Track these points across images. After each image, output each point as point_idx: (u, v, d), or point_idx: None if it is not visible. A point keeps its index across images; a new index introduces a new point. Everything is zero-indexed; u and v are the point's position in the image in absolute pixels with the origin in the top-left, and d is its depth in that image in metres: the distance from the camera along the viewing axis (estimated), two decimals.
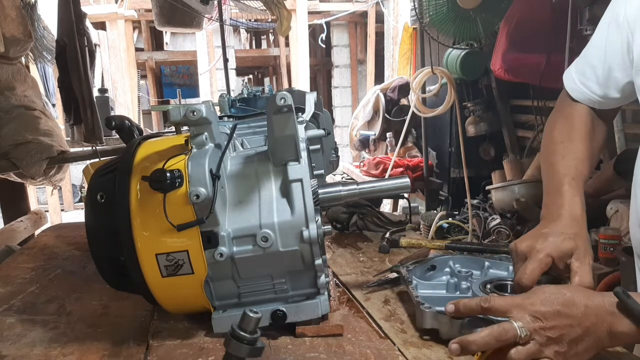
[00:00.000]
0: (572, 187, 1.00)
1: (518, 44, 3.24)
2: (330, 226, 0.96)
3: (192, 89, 9.33)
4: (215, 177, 0.84)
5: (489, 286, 0.98)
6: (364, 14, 8.27)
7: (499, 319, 0.80)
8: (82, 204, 7.18)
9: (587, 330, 0.76)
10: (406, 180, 1.03)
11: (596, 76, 1.06)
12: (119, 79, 6.99)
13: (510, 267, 1.08)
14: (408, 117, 4.38)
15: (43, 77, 5.16)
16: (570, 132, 1.07)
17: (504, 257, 1.12)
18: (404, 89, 4.84)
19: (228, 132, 0.97)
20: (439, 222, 3.74)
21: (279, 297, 0.95)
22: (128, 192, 0.87)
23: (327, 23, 8.33)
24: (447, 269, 1.12)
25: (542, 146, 1.14)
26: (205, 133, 0.89)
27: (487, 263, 1.11)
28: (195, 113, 0.85)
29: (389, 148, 4.87)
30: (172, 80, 9.69)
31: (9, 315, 1.10)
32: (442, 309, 0.90)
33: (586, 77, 1.07)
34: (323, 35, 8.21)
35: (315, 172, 1.05)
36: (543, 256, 0.89)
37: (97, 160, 2.37)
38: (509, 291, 0.97)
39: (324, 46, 8.72)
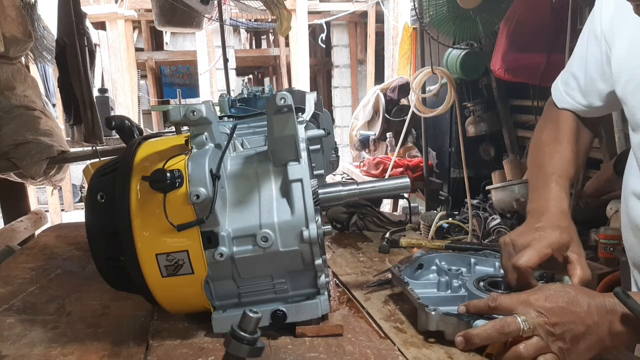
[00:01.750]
0: (558, 185, 1.02)
1: (518, 44, 3.24)
2: (330, 226, 0.96)
3: (192, 89, 9.33)
4: (215, 177, 0.84)
5: (482, 283, 0.99)
6: (364, 14, 8.27)
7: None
8: (82, 204, 7.18)
9: (588, 329, 0.77)
10: (406, 180, 1.03)
11: (579, 86, 1.09)
12: (119, 79, 6.99)
13: (497, 263, 1.09)
14: (408, 117, 4.38)
15: (43, 77, 5.16)
16: (557, 135, 1.11)
17: (488, 253, 1.13)
18: (404, 89, 4.85)
19: (228, 132, 0.97)
20: (439, 222, 3.74)
21: (279, 297, 0.95)
22: (128, 192, 0.87)
23: (327, 23, 8.33)
24: (434, 267, 1.12)
25: (530, 149, 1.18)
26: (205, 133, 0.89)
27: (472, 260, 1.11)
28: (195, 113, 0.86)
29: (389, 148, 4.87)
30: (172, 80, 9.69)
31: (9, 315, 1.10)
32: (447, 309, 0.91)
33: (570, 87, 1.11)
34: (323, 35, 8.21)
35: (315, 172, 1.05)
36: (543, 246, 0.91)
37: (97, 160, 2.37)
38: (502, 287, 0.98)
39: (324, 46, 8.72)
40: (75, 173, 8.02)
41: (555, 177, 1.03)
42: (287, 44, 8.43)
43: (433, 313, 0.89)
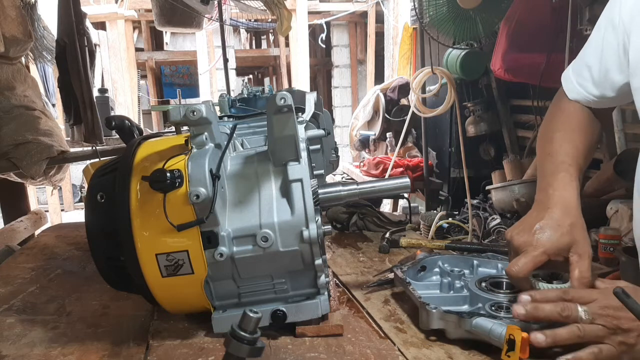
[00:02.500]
0: (568, 173, 0.99)
1: (518, 44, 3.24)
2: (330, 226, 0.96)
3: (192, 89, 9.33)
4: (215, 177, 0.84)
5: (484, 284, 0.99)
6: (364, 14, 8.27)
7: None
8: (82, 204, 7.18)
9: None
10: (406, 180, 1.03)
11: (592, 77, 1.06)
12: (119, 79, 6.99)
13: (499, 265, 1.10)
14: (408, 117, 4.38)
15: (43, 77, 5.16)
16: (567, 124, 1.08)
17: (491, 256, 1.14)
18: (404, 89, 4.85)
19: (228, 132, 0.97)
20: (439, 222, 3.73)
21: (279, 297, 0.95)
22: (128, 192, 0.87)
23: (327, 23, 8.33)
24: (437, 269, 1.13)
25: (538, 138, 1.14)
26: (205, 133, 0.89)
27: (475, 262, 1.12)
28: (195, 113, 0.85)
29: (389, 148, 4.87)
30: (172, 80, 9.69)
31: (9, 315, 1.10)
32: (449, 308, 0.92)
33: (583, 77, 1.08)
34: (323, 35, 8.21)
35: (315, 172, 1.05)
36: (538, 253, 0.89)
37: (97, 160, 2.37)
38: (504, 288, 0.98)
39: (324, 46, 8.72)
40: (75, 173, 8.02)
41: (565, 165, 1.00)
42: (287, 44, 8.43)
43: (434, 311, 0.89)
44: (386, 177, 3.81)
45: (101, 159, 2.52)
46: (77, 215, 7.65)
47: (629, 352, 0.77)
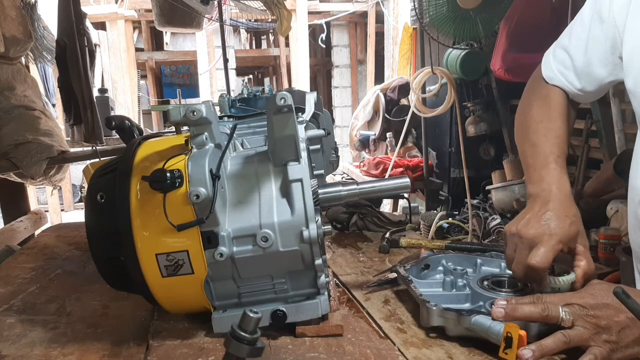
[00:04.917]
0: (558, 165, 0.99)
1: (518, 44, 3.24)
2: (330, 226, 0.96)
3: (192, 89, 9.34)
4: (215, 177, 0.84)
5: (485, 282, 1.00)
6: (364, 14, 8.28)
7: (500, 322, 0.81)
8: (82, 204, 7.18)
9: (634, 322, 0.76)
10: (406, 180, 1.03)
11: (574, 67, 1.05)
12: (119, 79, 6.99)
13: (502, 264, 1.08)
14: (408, 117, 4.39)
15: (43, 77, 5.17)
16: (549, 112, 1.07)
17: (494, 255, 1.13)
18: (404, 89, 4.85)
19: (228, 132, 0.97)
20: (439, 222, 3.74)
21: (279, 297, 0.95)
22: (128, 192, 0.87)
23: (327, 23, 8.34)
24: (441, 268, 1.13)
25: (517, 127, 1.13)
26: (205, 133, 0.89)
27: (479, 260, 1.12)
28: (195, 113, 0.85)
29: (389, 148, 4.88)
30: (172, 80, 9.71)
31: (9, 315, 1.10)
32: (448, 306, 0.92)
33: (565, 66, 1.07)
34: (323, 35, 8.22)
35: (315, 172, 1.05)
36: (555, 242, 0.89)
37: (97, 160, 2.37)
38: (505, 287, 0.98)
39: (324, 46, 8.73)
40: (75, 173, 8.03)
41: (554, 157, 1.00)
42: (287, 44, 8.44)
43: (434, 308, 0.90)
44: (386, 177, 3.81)
45: (101, 159, 2.52)
46: (77, 215, 7.66)
47: (616, 351, 0.77)
